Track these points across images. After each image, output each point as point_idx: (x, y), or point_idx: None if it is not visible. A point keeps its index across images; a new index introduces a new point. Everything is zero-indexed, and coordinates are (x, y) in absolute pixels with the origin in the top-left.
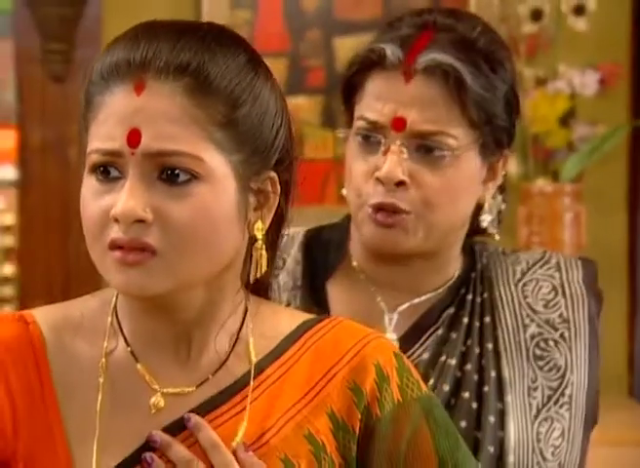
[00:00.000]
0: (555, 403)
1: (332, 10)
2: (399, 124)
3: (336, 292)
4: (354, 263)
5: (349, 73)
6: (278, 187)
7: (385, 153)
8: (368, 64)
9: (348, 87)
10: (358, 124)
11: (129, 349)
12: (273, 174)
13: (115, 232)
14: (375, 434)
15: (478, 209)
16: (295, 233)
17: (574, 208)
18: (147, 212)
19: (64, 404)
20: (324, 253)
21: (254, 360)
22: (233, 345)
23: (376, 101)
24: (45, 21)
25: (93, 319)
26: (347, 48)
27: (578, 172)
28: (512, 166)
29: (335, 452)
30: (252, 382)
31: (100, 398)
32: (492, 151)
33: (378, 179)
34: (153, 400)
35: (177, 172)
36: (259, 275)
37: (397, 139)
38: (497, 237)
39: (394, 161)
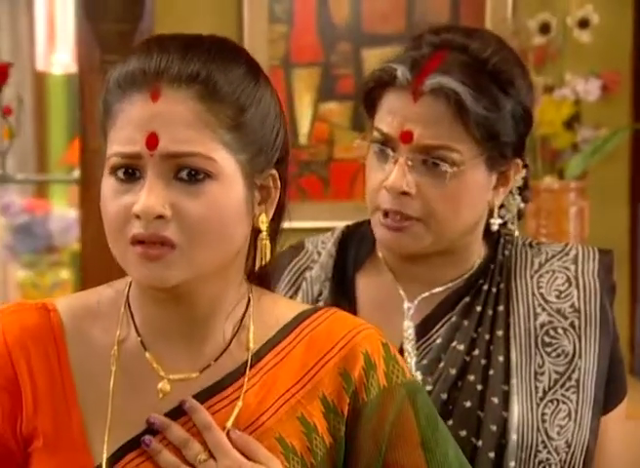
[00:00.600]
0: (562, 386)
1: (360, 24)
2: (406, 137)
3: (363, 284)
4: (380, 255)
5: (367, 88)
6: (279, 183)
7: (394, 164)
8: (381, 83)
9: (367, 100)
10: (374, 135)
11: (139, 339)
12: (274, 171)
13: (136, 228)
14: (361, 416)
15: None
16: (335, 230)
17: (578, 203)
18: (166, 208)
19: (81, 386)
20: (356, 247)
21: (252, 346)
22: (235, 333)
23: (387, 116)
24: (104, 36)
25: (108, 308)
26: (374, 58)
27: (581, 170)
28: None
29: (325, 433)
30: (248, 371)
31: (112, 383)
32: (499, 163)
33: (386, 189)
34: (160, 385)
35: (192, 171)
36: (263, 263)
37: (405, 152)
38: (516, 233)
39: (400, 173)
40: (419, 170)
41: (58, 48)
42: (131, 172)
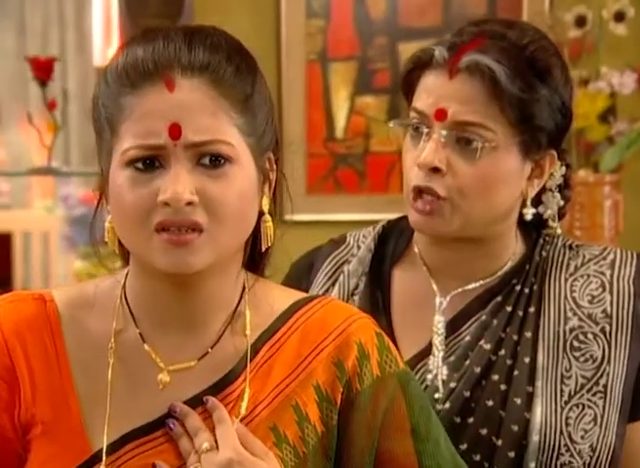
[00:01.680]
0: (588, 391)
1: (397, 18)
2: (440, 114)
3: (398, 277)
4: (416, 250)
5: (406, 70)
6: (274, 166)
7: (428, 141)
8: (420, 63)
9: (406, 83)
10: (410, 114)
11: (137, 331)
12: (271, 154)
13: (163, 215)
14: (355, 406)
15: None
16: (377, 224)
17: (613, 196)
18: (194, 194)
19: (78, 375)
20: (394, 242)
21: (248, 333)
22: (231, 320)
23: (423, 94)
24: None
25: (104, 297)
26: (410, 52)
27: (616, 163)
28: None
29: (318, 422)
30: (249, 366)
31: (110, 374)
32: (533, 150)
33: (418, 165)
34: (160, 377)
35: (214, 157)
36: (266, 246)
37: (439, 129)
38: (558, 231)
39: (432, 148)
40: (452, 147)
41: (113, 43)
42: (149, 162)
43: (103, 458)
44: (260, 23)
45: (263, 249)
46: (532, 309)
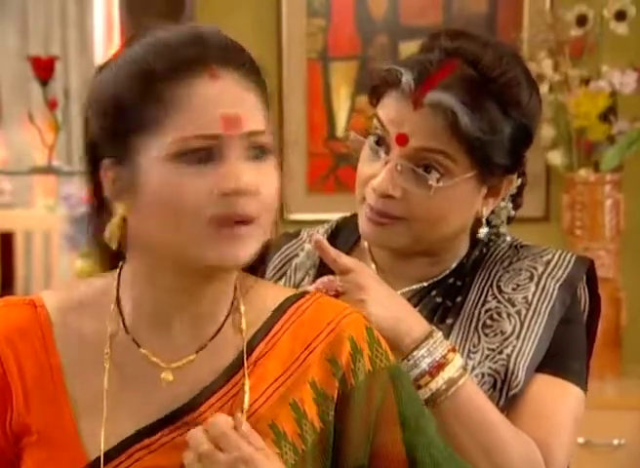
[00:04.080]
0: (491, 360)
1: (398, 17)
2: (402, 139)
3: None
4: (365, 245)
5: (372, 84)
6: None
7: (384, 166)
8: (386, 83)
9: (372, 93)
10: (374, 122)
11: (130, 337)
12: None
13: (222, 207)
14: (350, 401)
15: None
16: (331, 220)
17: (613, 195)
18: (251, 185)
19: (71, 381)
20: (346, 237)
21: (244, 328)
22: (227, 315)
23: (387, 115)
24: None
25: (97, 300)
26: (411, 51)
27: (617, 163)
28: (557, 157)
29: (315, 418)
30: (245, 363)
31: (105, 380)
32: (489, 179)
33: (372, 189)
34: (163, 375)
35: (260, 148)
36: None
37: (396, 156)
38: (507, 238)
39: (387, 176)
40: (407, 176)
41: (115, 42)
42: (204, 154)
43: (101, 466)
44: (260, 22)
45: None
46: (458, 299)
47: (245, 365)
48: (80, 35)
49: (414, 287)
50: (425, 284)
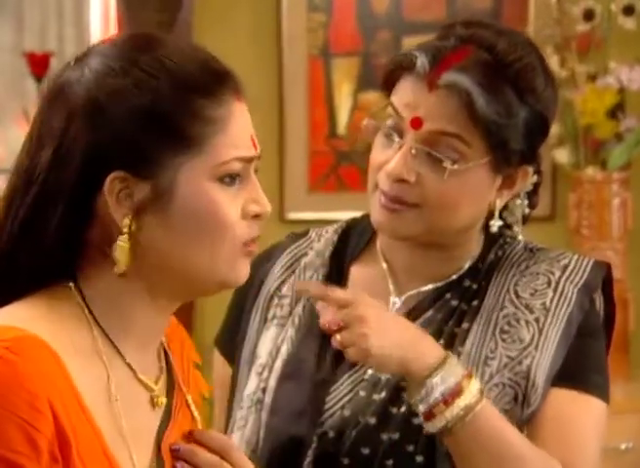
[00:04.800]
0: (511, 370)
1: (400, 12)
2: (416, 123)
3: (355, 273)
4: (378, 247)
5: (387, 70)
6: None
7: (399, 150)
8: (401, 67)
9: (386, 80)
10: (387, 110)
11: (127, 361)
12: None
13: (254, 229)
14: None
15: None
16: (332, 219)
17: (621, 194)
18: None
19: (93, 410)
20: (357, 238)
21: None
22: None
23: (401, 99)
24: (144, 25)
25: (73, 338)
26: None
27: (625, 161)
28: (564, 155)
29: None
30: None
31: (118, 407)
32: (505, 167)
33: (386, 174)
34: (156, 399)
35: (256, 170)
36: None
37: (411, 140)
38: (519, 237)
39: (401, 160)
40: (421, 160)
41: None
42: (237, 175)
43: None
44: (260, 18)
45: None
46: (475, 303)
47: (180, 378)
48: (77, 31)
49: (427, 287)
50: (440, 284)
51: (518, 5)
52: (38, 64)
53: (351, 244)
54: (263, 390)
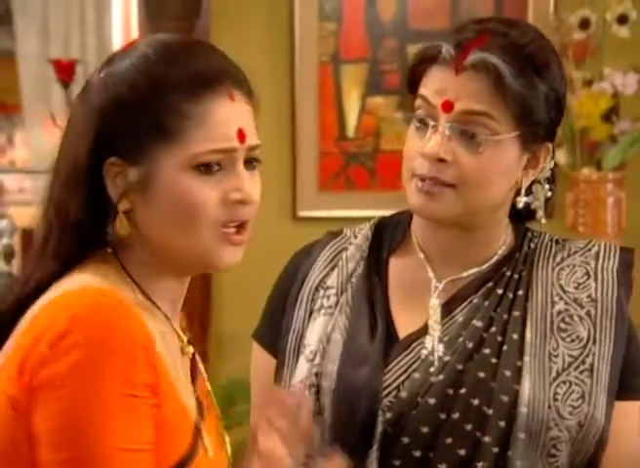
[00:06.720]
0: (575, 369)
1: (406, 21)
2: (447, 106)
3: (394, 265)
4: (414, 239)
5: (413, 63)
6: None
7: (433, 134)
8: (426, 58)
9: (412, 75)
10: (416, 102)
11: (163, 311)
12: None
13: (233, 213)
14: None
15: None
16: (373, 218)
17: (615, 193)
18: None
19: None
20: (391, 233)
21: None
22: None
23: (430, 85)
24: (163, 32)
25: (126, 294)
26: None
27: (619, 161)
28: (561, 156)
29: None
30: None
31: (180, 362)
32: (531, 142)
33: (423, 155)
34: (187, 348)
35: (256, 160)
36: None
37: (445, 121)
38: (542, 221)
39: (438, 140)
40: (457, 139)
41: None
42: (217, 165)
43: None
44: (273, 26)
45: None
46: (520, 292)
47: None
48: (98, 39)
49: (464, 274)
50: (478, 269)
51: (518, 14)
52: (64, 71)
53: (387, 238)
54: (317, 375)
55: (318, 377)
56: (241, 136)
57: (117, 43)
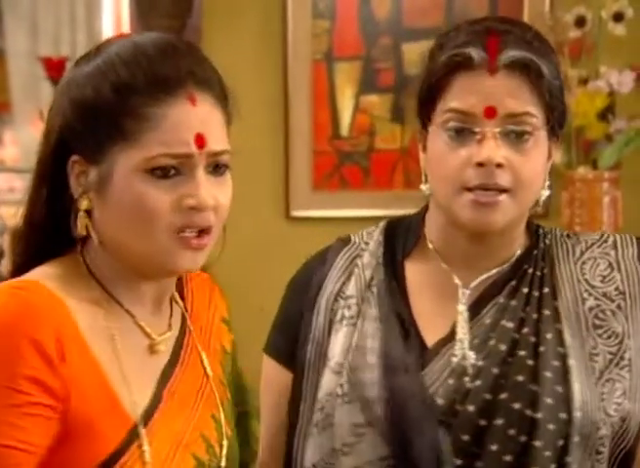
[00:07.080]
0: (616, 365)
1: (401, 19)
2: (490, 112)
3: (412, 268)
4: (430, 246)
5: (436, 76)
6: None
7: (481, 141)
8: (454, 66)
9: (433, 88)
10: (446, 117)
11: (125, 308)
12: None
13: (190, 219)
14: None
15: None
16: (379, 223)
17: (611, 192)
18: (214, 200)
19: (92, 348)
20: (403, 237)
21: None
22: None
23: (464, 95)
24: (154, 30)
25: (73, 274)
26: (414, 52)
27: (615, 160)
28: (557, 156)
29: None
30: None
31: (119, 345)
32: (553, 134)
33: (478, 164)
34: (157, 346)
35: (221, 166)
36: None
37: (490, 127)
38: (538, 208)
39: (492, 145)
40: (504, 142)
41: None
42: (172, 170)
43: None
44: (266, 24)
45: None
46: (546, 290)
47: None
48: (89, 37)
49: (485, 275)
50: (497, 269)
51: (513, 12)
52: (54, 69)
53: (399, 241)
54: (348, 385)
55: (352, 388)
56: (200, 141)
57: None
